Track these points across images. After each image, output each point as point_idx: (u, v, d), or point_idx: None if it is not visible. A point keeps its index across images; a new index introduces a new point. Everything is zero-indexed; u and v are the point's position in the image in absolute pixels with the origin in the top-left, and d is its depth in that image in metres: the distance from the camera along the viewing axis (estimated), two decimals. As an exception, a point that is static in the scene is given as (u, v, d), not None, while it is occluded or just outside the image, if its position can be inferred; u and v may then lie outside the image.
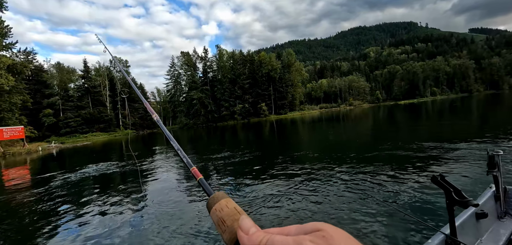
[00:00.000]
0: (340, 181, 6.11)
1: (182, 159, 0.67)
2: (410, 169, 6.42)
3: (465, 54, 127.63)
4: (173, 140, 0.74)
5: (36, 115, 54.76)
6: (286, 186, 6.26)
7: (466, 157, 7.02)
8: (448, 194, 1.63)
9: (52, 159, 21.73)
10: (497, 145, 7.95)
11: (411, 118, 24.31)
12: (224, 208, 0.44)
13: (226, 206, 0.45)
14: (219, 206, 0.45)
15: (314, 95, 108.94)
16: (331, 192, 5.47)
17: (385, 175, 6.21)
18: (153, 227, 4.75)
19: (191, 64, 73.90)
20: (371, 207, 4.48)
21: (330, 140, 15.73)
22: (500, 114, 19.70)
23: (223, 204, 0.45)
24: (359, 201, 4.82)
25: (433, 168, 6.37)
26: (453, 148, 8.17)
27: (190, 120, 69.51)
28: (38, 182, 10.96)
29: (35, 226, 5.52)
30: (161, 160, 13.41)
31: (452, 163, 6.62)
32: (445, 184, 1.64)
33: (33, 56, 58.64)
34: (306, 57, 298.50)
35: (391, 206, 4.35)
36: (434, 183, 1.70)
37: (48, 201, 7.34)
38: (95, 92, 64.35)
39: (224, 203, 0.45)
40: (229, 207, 0.44)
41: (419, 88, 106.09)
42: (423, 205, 4.34)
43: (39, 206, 6.97)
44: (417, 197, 4.66)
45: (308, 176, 6.87)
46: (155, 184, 8.25)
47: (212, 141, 23.17)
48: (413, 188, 5.11)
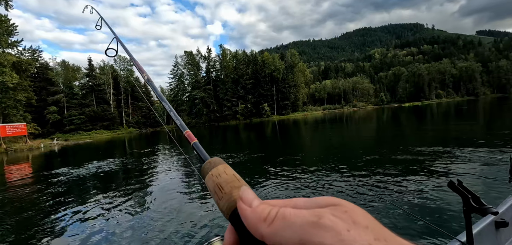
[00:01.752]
0: (348, 183, 5.96)
1: (175, 121, 0.65)
2: (421, 173, 6.21)
3: (472, 56, 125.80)
4: (165, 100, 0.73)
5: (41, 112, 55.38)
6: (290, 186, 6.15)
7: (477, 161, 6.79)
8: (465, 200, 1.53)
9: (54, 156, 21.82)
10: (508, 150, 7.62)
11: (417, 121, 23.88)
12: (222, 174, 0.39)
13: (224, 172, 0.40)
14: (216, 171, 0.40)
15: (317, 96, 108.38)
16: (340, 194, 5.30)
17: (395, 177, 6.03)
18: (156, 224, 4.72)
19: (195, 63, 74.02)
20: (382, 210, 4.33)
21: (334, 142, 15.47)
22: (509, 119, 19.18)
23: (221, 170, 0.40)
24: (369, 204, 4.65)
25: (445, 172, 6.16)
26: (463, 152, 7.91)
27: (192, 119, 69.69)
28: (40, 178, 11.01)
29: (36, 222, 5.49)
30: (164, 159, 13.39)
31: (464, 168, 6.40)
32: (463, 190, 1.54)
33: (39, 54, 59.35)
34: (311, 58, 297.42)
35: (403, 209, 4.16)
36: (451, 188, 1.60)
37: (49, 198, 7.37)
38: (99, 90, 64.83)
39: (222, 169, 0.40)
40: (228, 174, 0.39)
41: (424, 90, 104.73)
42: (438, 211, 4.14)
43: (41, 203, 6.95)
44: (431, 202, 4.47)
45: (313, 177, 6.76)
46: (158, 182, 8.20)
47: (214, 140, 23.04)
48: (426, 192, 4.92)
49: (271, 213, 0.27)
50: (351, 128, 23.71)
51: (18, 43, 40.21)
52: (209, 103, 69.37)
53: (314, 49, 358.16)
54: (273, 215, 0.27)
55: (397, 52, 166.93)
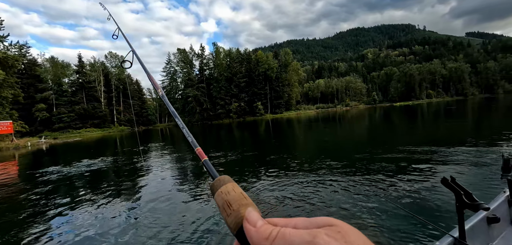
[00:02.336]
0: (339, 181, 5.96)
1: (187, 138, 0.68)
2: (412, 170, 6.27)
3: (462, 58, 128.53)
4: (178, 117, 0.75)
5: (29, 110, 53.96)
6: (281, 184, 6.14)
7: (468, 159, 6.88)
8: (458, 197, 1.59)
9: (41, 155, 21.27)
10: (499, 148, 7.77)
11: (408, 120, 24.24)
12: (231, 192, 0.43)
13: (233, 190, 0.43)
14: (225, 188, 0.44)
15: (311, 95, 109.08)
16: (333, 192, 5.34)
17: (388, 174, 6.07)
18: (149, 224, 4.61)
19: (188, 61, 73.29)
20: (376, 206, 4.34)
21: (326, 140, 15.55)
22: (497, 118, 19.67)
23: (230, 188, 0.44)
24: (364, 200, 4.67)
25: (437, 170, 6.22)
26: (455, 150, 8.03)
27: (185, 118, 69.02)
28: (26, 178, 10.72)
29: (18, 223, 5.29)
30: (158, 156, 13.18)
31: (456, 165, 6.47)
32: (456, 186, 1.60)
33: (26, 50, 57.70)
34: (305, 57, 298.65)
35: (396, 205, 4.22)
36: (444, 184, 1.66)
37: (34, 198, 7.14)
38: (89, 87, 63.56)
39: (231, 187, 0.44)
40: (236, 192, 0.43)
41: (415, 90, 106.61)
42: (430, 207, 4.18)
43: (26, 203, 6.75)
44: (423, 198, 4.52)
45: (304, 176, 6.73)
46: (151, 181, 8.08)
47: (207, 139, 22.88)
48: (418, 189, 4.96)
49: (272, 233, 0.31)
50: (344, 127, 23.89)
51: (4, 38, 39.11)
52: (202, 101, 68.90)
53: (308, 48, 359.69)
54: (274, 235, 0.31)
55: (390, 53, 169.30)
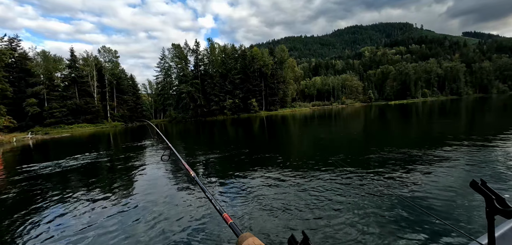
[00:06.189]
0: (333, 181, 5.76)
1: (215, 206, 0.76)
2: (436, 170, 6.00)
3: (457, 57, 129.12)
4: (200, 183, 0.86)
5: (20, 105, 52.86)
6: (275, 182, 6.03)
7: (493, 159, 6.59)
8: (489, 201, 1.50)
9: (26, 152, 20.64)
10: (493, 148, 7.48)
11: (403, 119, 24.04)
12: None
13: (253, 242, 0.56)
14: (246, 243, 0.56)
15: (307, 93, 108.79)
16: (330, 192, 5.14)
17: (406, 175, 5.81)
18: (140, 225, 4.44)
19: (182, 57, 72.37)
20: (396, 208, 4.09)
21: (320, 137, 15.23)
22: (489, 117, 19.56)
23: (251, 242, 0.56)
24: (380, 201, 4.43)
25: (464, 169, 5.94)
26: (470, 148, 7.70)
27: (179, 114, 68.32)
28: (8, 175, 10.15)
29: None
30: (150, 153, 12.98)
31: (479, 165, 6.20)
32: (486, 190, 1.50)
33: (17, 43, 56.40)
34: (302, 54, 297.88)
35: (417, 206, 3.98)
36: (473, 188, 1.49)
37: (16, 196, 6.80)
38: (82, 82, 62.45)
39: (251, 241, 0.56)
40: (256, 244, 0.56)
41: (411, 89, 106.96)
42: (456, 211, 3.91)
43: (5, 200, 6.50)
44: (448, 201, 4.25)
45: (299, 172, 6.60)
46: (143, 178, 7.89)
47: (200, 136, 22.46)
48: (441, 190, 4.71)
49: None
50: (338, 124, 23.65)
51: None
52: (196, 97, 68.18)
53: (306, 45, 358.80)
54: None
55: (387, 51, 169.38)
